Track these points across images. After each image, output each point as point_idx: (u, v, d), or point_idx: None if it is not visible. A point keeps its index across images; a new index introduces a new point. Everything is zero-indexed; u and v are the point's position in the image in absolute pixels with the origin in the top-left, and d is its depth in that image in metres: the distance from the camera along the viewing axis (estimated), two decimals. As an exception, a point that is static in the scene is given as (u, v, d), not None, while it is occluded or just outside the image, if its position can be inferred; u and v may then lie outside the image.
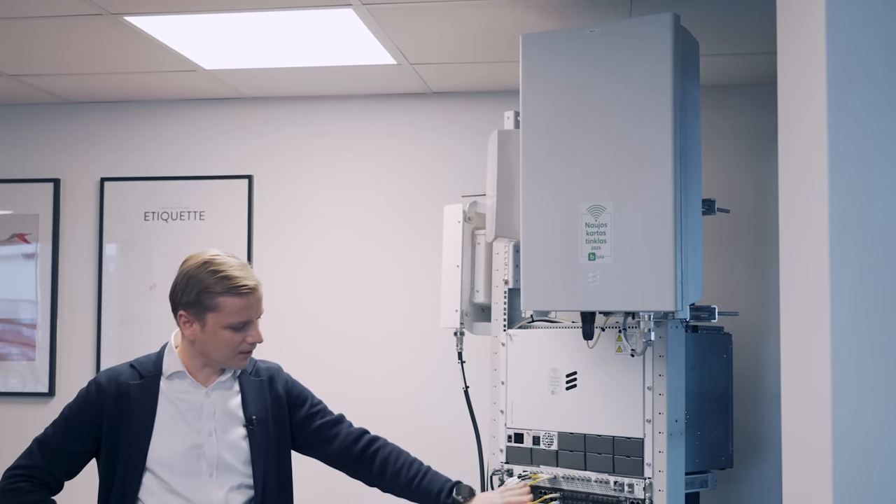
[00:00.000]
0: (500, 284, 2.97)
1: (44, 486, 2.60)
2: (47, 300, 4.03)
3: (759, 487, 3.05)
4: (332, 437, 2.74)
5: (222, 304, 2.53)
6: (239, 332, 2.55)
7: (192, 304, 2.54)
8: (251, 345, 2.59)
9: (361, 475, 2.75)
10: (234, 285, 2.53)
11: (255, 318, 2.59)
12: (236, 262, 2.58)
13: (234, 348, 2.57)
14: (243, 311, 2.55)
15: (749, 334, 3.04)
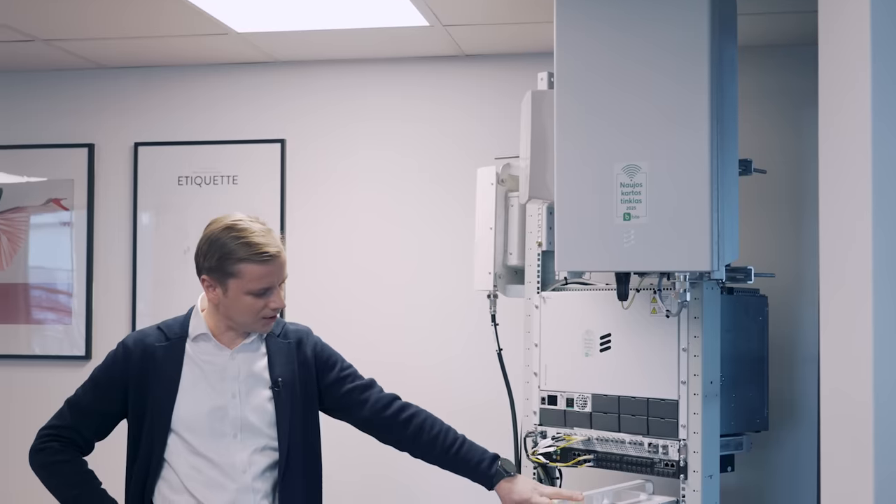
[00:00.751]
0: (534, 247, 2.96)
1: (74, 446, 2.64)
2: (83, 267, 4.06)
3: (794, 451, 3.03)
4: (362, 401, 2.73)
5: (243, 271, 2.53)
6: (260, 297, 2.56)
7: (214, 269, 2.55)
8: (273, 310, 2.59)
9: (392, 440, 2.74)
10: (256, 252, 2.53)
11: (278, 284, 2.58)
12: (259, 228, 2.57)
13: (255, 314, 2.57)
14: (264, 277, 2.54)
15: (785, 297, 3.01)
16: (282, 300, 2.59)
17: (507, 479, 2.63)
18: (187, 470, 2.58)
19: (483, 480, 2.65)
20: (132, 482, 2.63)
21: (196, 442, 2.58)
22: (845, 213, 2.06)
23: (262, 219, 2.63)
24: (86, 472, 2.65)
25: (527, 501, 2.57)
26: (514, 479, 2.64)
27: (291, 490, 2.64)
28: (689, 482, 2.57)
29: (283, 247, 2.59)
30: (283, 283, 2.61)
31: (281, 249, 2.57)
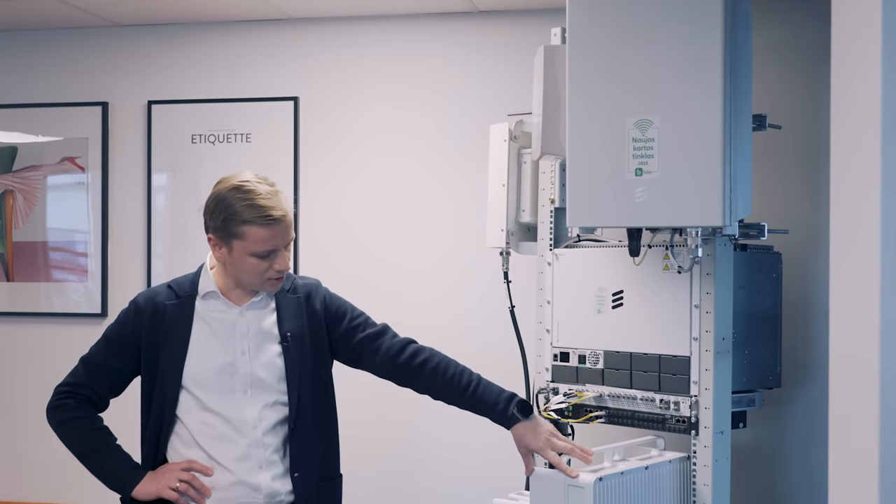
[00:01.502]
0: (546, 203, 2.95)
1: (89, 403, 2.67)
2: (98, 227, 4.08)
3: (806, 408, 3.03)
4: (375, 349, 2.73)
5: (247, 233, 2.53)
6: (265, 259, 2.56)
7: (220, 229, 2.55)
8: (278, 272, 2.58)
9: (410, 385, 2.74)
10: (260, 215, 2.52)
11: (283, 247, 2.57)
12: (266, 190, 2.56)
13: (260, 275, 2.58)
14: (268, 240, 2.54)
15: (799, 253, 2.99)
16: (286, 263, 2.58)
17: (522, 423, 2.59)
18: (198, 425, 2.61)
19: (500, 422, 2.63)
20: (146, 438, 2.66)
21: (206, 398, 2.61)
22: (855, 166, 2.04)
23: (271, 179, 2.62)
24: (101, 428, 2.68)
25: (539, 451, 2.55)
26: (529, 424, 2.59)
27: (303, 444, 2.65)
28: (701, 438, 2.57)
29: (289, 208, 2.58)
30: (289, 244, 2.60)
31: (287, 212, 2.56)
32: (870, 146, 1.95)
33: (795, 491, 3.05)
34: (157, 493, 2.59)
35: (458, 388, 2.66)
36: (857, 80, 1.99)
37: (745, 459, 3.05)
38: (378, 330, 2.76)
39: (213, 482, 2.59)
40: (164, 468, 2.61)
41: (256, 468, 2.60)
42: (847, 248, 2.13)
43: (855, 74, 2.01)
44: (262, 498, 2.60)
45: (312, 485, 2.67)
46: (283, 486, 2.63)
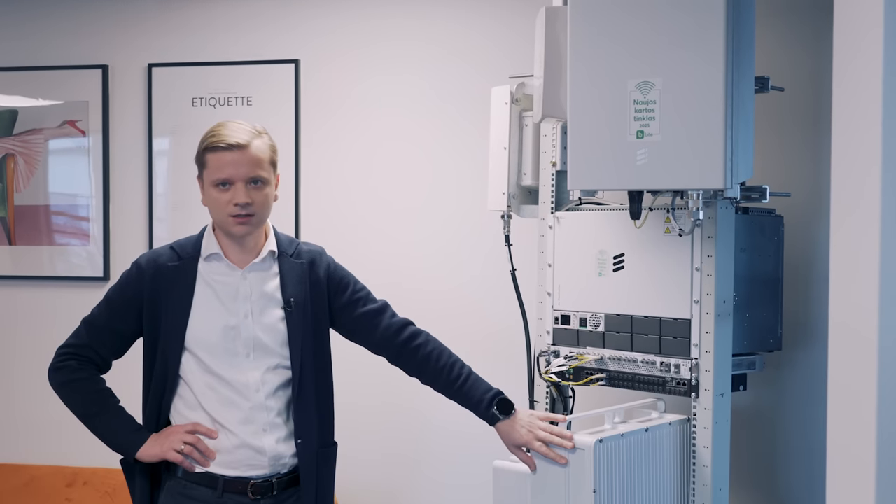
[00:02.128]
0: (548, 166, 2.94)
1: (91, 364, 2.67)
2: (100, 191, 4.08)
3: (807, 371, 3.03)
4: (373, 326, 2.73)
5: (207, 160, 2.58)
6: (225, 191, 2.56)
7: (197, 162, 2.62)
8: (238, 206, 2.56)
9: (401, 366, 2.75)
10: (215, 141, 2.57)
11: (242, 180, 2.56)
12: (238, 125, 2.59)
13: (223, 209, 2.57)
14: (223, 167, 2.55)
15: (801, 216, 2.98)
16: (243, 196, 2.55)
17: (503, 421, 2.59)
18: (202, 388, 2.62)
19: (484, 419, 2.65)
20: (149, 400, 2.67)
21: (209, 360, 2.61)
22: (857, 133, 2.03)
23: (260, 126, 2.63)
24: (103, 389, 2.68)
25: (526, 445, 2.55)
26: (510, 421, 2.59)
27: (305, 410, 2.66)
28: (701, 401, 2.58)
29: (258, 144, 2.56)
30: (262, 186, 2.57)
31: (247, 143, 2.54)
32: (871, 108, 1.95)
33: (795, 453, 3.07)
34: (162, 456, 2.60)
35: (447, 378, 2.67)
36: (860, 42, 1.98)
37: (745, 422, 3.06)
38: (378, 307, 2.76)
39: (217, 445, 2.60)
40: (169, 430, 2.62)
41: (260, 431, 2.61)
42: (847, 211, 2.12)
43: (857, 36, 2.00)
44: (267, 460, 2.62)
45: (314, 451, 2.68)
46: (287, 449, 2.64)
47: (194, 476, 2.61)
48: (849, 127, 2.11)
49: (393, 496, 3.80)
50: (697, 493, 2.60)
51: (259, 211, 2.58)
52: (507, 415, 2.60)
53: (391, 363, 2.77)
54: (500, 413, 2.59)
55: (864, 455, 2.07)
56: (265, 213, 2.61)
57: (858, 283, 2.07)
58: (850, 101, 2.10)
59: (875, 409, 2.04)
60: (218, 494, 2.60)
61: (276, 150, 2.65)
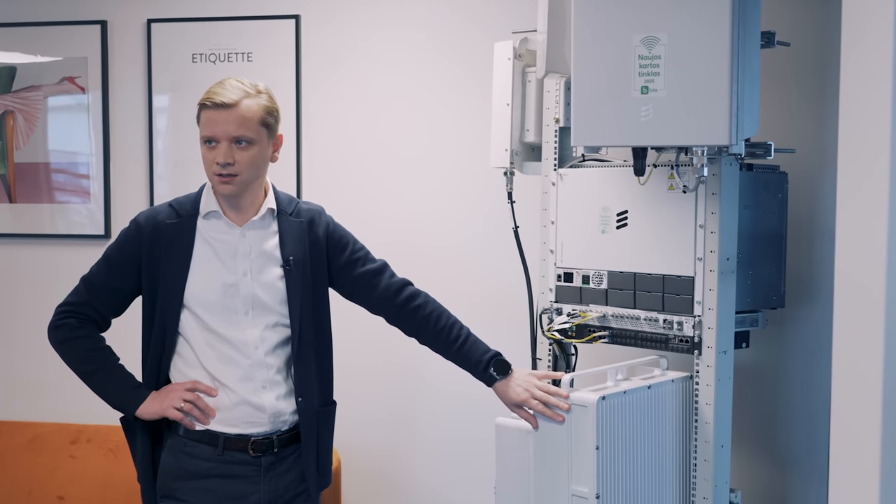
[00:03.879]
0: (551, 123, 2.92)
1: (91, 322, 2.67)
2: (100, 149, 4.05)
3: (810, 328, 3.03)
4: (373, 286, 2.73)
5: (200, 117, 2.60)
6: (212, 150, 2.57)
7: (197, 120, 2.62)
8: (219, 165, 2.55)
9: (400, 326, 2.76)
10: (205, 99, 2.57)
11: (225, 139, 2.54)
12: (235, 84, 2.58)
13: (209, 168, 2.60)
14: (209, 124, 2.56)
15: (805, 173, 2.96)
16: (227, 157, 2.54)
17: (500, 381, 2.61)
18: (201, 345, 2.62)
19: (481, 380, 2.66)
20: (149, 358, 2.67)
21: (208, 318, 2.61)
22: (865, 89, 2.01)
23: (263, 86, 2.61)
24: (103, 347, 2.68)
25: (523, 403, 2.56)
26: (507, 380, 2.61)
27: (304, 368, 2.67)
28: (703, 358, 2.58)
29: (248, 104, 2.55)
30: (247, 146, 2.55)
31: (234, 102, 2.53)
32: (881, 63, 1.92)
33: (797, 410, 3.07)
34: (161, 413, 2.61)
35: (445, 340, 2.68)
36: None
37: (748, 379, 3.06)
38: (377, 267, 2.76)
39: (217, 403, 2.61)
40: (168, 388, 2.63)
41: (260, 388, 2.62)
42: (854, 167, 2.11)
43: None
44: (267, 418, 2.62)
45: (314, 409, 2.69)
46: (286, 406, 2.65)
47: (195, 434, 2.62)
48: (857, 82, 2.08)
49: (393, 454, 3.82)
50: (699, 450, 2.60)
51: (243, 171, 2.56)
52: (503, 375, 2.61)
53: (390, 324, 2.77)
54: (496, 374, 2.60)
55: (868, 412, 2.07)
56: (252, 173, 2.59)
57: (865, 241, 2.05)
58: (858, 56, 2.07)
59: (881, 364, 2.04)
60: (219, 452, 2.61)
61: (273, 111, 2.61)
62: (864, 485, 2.08)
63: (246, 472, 2.63)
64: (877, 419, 2.05)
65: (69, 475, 3.84)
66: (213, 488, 2.61)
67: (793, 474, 3.08)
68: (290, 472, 2.68)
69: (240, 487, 2.63)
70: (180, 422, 2.61)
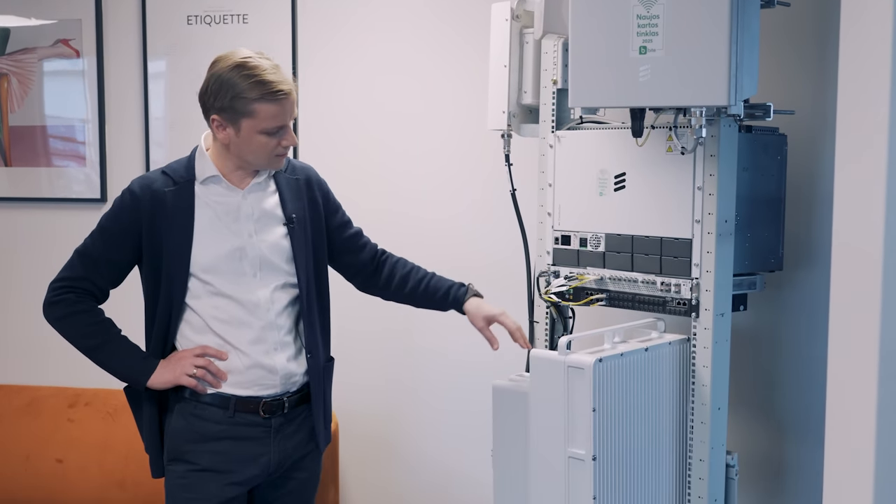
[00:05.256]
0: (549, 84, 2.90)
1: (89, 296, 2.64)
2: (96, 115, 4.02)
3: (808, 291, 3.02)
4: (359, 248, 2.83)
5: (257, 111, 2.49)
6: (273, 136, 2.53)
7: (226, 108, 2.50)
8: (286, 148, 2.57)
9: (374, 285, 2.88)
10: (270, 90, 2.48)
11: (290, 122, 2.56)
12: (269, 65, 2.52)
13: (269, 152, 2.56)
14: (278, 116, 2.51)
15: (804, 135, 2.94)
16: (294, 138, 2.58)
17: (474, 298, 2.80)
18: (210, 310, 2.61)
19: (455, 301, 2.80)
20: (154, 328, 2.65)
21: (217, 283, 2.60)
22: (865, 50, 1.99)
23: (267, 54, 2.58)
24: (104, 320, 2.66)
25: (495, 317, 2.73)
26: (480, 300, 2.81)
27: (311, 323, 2.68)
28: (701, 320, 2.57)
29: (293, 84, 2.55)
30: (293, 119, 2.58)
31: (293, 87, 2.54)
32: (880, 24, 1.90)
33: (794, 373, 3.07)
34: (174, 381, 2.60)
35: (413, 280, 2.84)
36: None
37: (745, 342, 3.06)
38: (359, 230, 2.89)
39: (229, 366, 2.61)
40: (177, 355, 2.62)
41: (272, 350, 2.62)
42: (853, 129, 2.09)
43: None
44: (278, 379, 2.63)
45: (321, 365, 2.71)
46: (297, 367, 2.67)
47: (206, 397, 2.62)
48: (856, 43, 2.06)
49: (392, 420, 3.82)
50: (696, 412, 2.60)
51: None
52: (479, 294, 2.82)
53: (362, 287, 2.91)
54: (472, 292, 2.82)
55: (865, 374, 2.07)
56: None
57: (863, 203, 2.04)
58: (858, 17, 2.05)
59: (877, 327, 2.03)
60: (230, 414, 2.62)
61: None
62: (859, 446, 2.08)
63: (256, 434, 2.64)
64: (872, 382, 2.05)
65: (67, 439, 3.85)
66: (223, 450, 2.62)
67: (789, 437, 3.09)
68: (298, 432, 2.71)
69: (250, 449, 2.64)
70: (194, 388, 2.60)
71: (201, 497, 2.61)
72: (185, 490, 2.64)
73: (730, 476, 2.66)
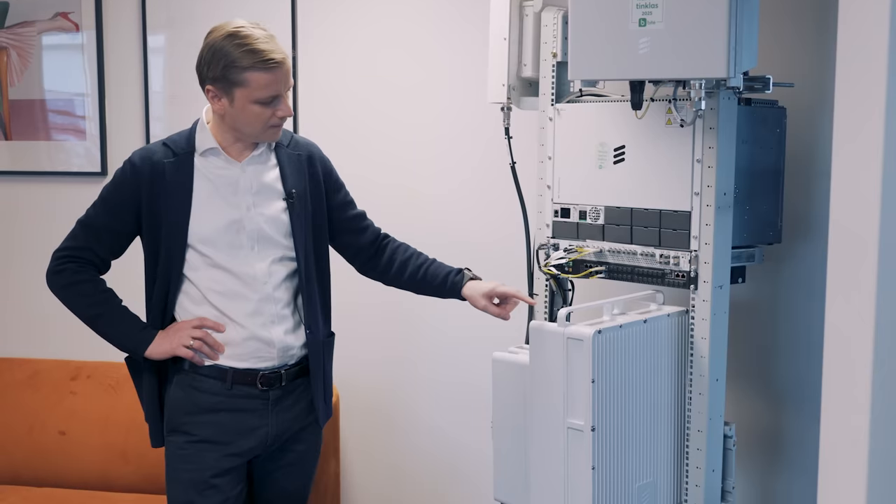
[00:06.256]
0: (549, 57, 2.90)
1: (91, 266, 2.66)
2: (95, 90, 4.01)
3: (806, 263, 3.03)
4: (362, 229, 2.82)
5: (249, 79, 2.49)
6: (268, 106, 2.53)
7: (219, 78, 2.51)
8: (281, 119, 2.57)
9: (373, 269, 2.88)
10: (261, 59, 2.48)
11: (284, 92, 2.55)
12: (263, 34, 2.52)
13: (263, 122, 2.56)
14: (271, 85, 2.51)
15: (804, 108, 2.94)
16: (289, 108, 2.57)
17: (472, 281, 2.80)
18: (208, 282, 2.63)
19: (452, 290, 2.80)
20: (153, 298, 2.67)
21: (214, 255, 2.61)
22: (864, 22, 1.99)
23: (263, 24, 2.58)
24: (105, 290, 2.68)
25: (493, 291, 2.76)
26: (478, 281, 2.82)
27: (310, 298, 2.69)
28: (699, 292, 2.58)
29: (287, 53, 2.55)
30: (289, 90, 2.57)
31: (286, 56, 2.53)
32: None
33: (792, 345, 3.09)
34: (172, 352, 2.62)
35: (413, 265, 2.85)
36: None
37: (744, 314, 3.07)
38: (362, 212, 2.88)
39: (226, 338, 2.63)
40: (176, 326, 2.64)
41: (269, 323, 2.64)
42: (851, 102, 2.09)
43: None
44: (276, 352, 2.65)
45: (321, 340, 2.72)
46: (295, 341, 2.68)
47: (204, 369, 2.64)
48: (856, 15, 2.06)
49: (392, 393, 3.84)
50: (695, 384, 2.62)
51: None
52: (477, 278, 2.82)
53: (362, 269, 2.91)
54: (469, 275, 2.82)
55: (862, 347, 2.07)
56: None
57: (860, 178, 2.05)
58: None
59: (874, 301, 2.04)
60: (227, 386, 2.64)
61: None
62: (855, 419, 2.10)
63: (254, 406, 2.65)
64: (869, 355, 2.06)
65: (70, 411, 3.87)
66: (221, 422, 2.64)
67: (787, 408, 3.11)
68: (297, 405, 2.72)
69: (248, 421, 2.66)
70: (190, 360, 2.62)
71: (200, 468, 2.64)
72: (183, 461, 2.66)
73: (727, 447, 2.68)
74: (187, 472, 2.65)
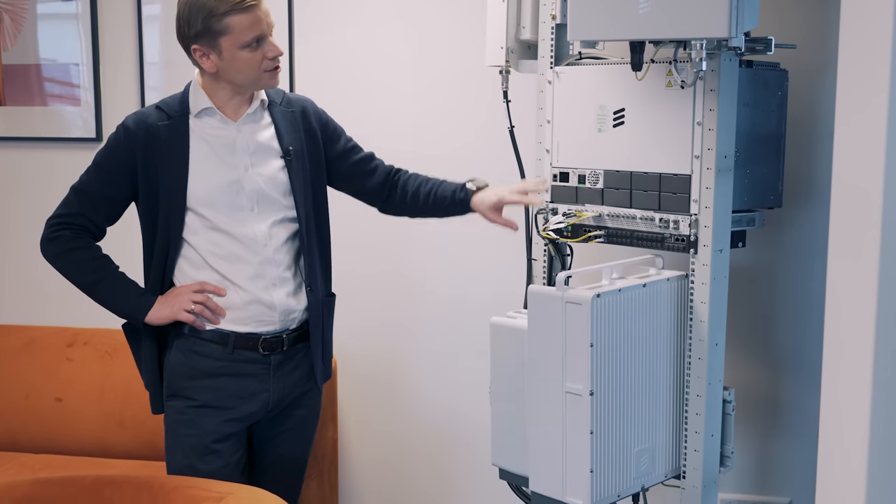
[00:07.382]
0: (547, 20, 2.86)
1: (86, 233, 2.64)
2: (90, 59, 3.96)
3: (807, 228, 3.01)
4: (370, 171, 2.78)
5: (231, 24, 2.48)
6: (256, 49, 2.51)
7: (202, 33, 2.50)
8: (273, 59, 2.54)
9: (391, 206, 2.85)
10: (237, 1, 2.48)
11: (269, 32, 2.53)
12: None
13: (257, 67, 2.54)
14: (254, 25, 2.50)
15: (806, 70, 2.91)
16: (277, 47, 2.55)
17: (479, 191, 2.77)
18: (208, 246, 2.61)
19: (461, 206, 2.78)
20: (152, 263, 2.65)
21: (214, 217, 2.59)
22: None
23: None
24: (102, 257, 2.66)
25: (501, 201, 2.71)
26: (485, 189, 2.78)
27: (311, 257, 2.68)
28: (699, 256, 2.57)
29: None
30: (272, 30, 2.56)
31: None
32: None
33: (792, 310, 3.08)
34: (172, 317, 2.60)
35: (424, 190, 2.80)
36: None
37: (744, 279, 3.06)
38: (370, 153, 2.83)
39: (228, 302, 2.61)
40: (175, 291, 2.62)
41: (270, 286, 2.62)
42: (855, 64, 2.07)
43: None
44: (277, 316, 2.64)
45: (321, 299, 2.71)
46: (296, 304, 2.67)
47: (205, 333, 2.63)
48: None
49: (390, 361, 3.83)
50: (694, 348, 2.61)
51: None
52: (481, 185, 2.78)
53: (384, 209, 2.88)
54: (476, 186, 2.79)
55: (863, 311, 2.06)
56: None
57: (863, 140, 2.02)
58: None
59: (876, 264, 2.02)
60: (229, 350, 2.63)
61: None
62: (855, 384, 2.09)
63: (256, 371, 2.65)
64: (870, 319, 2.05)
65: (66, 378, 3.86)
66: (223, 386, 2.63)
67: (786, 373, 3.10)
68: (297, 369, 2.71)
69: (250, 385, 2.65)
70: (192, 324, 2.61)
71: (200, 433, 2.63)
72: (183, 426, 2.65)
73: (726, 411, 2.67)
74: (188, 438, 2.64)
